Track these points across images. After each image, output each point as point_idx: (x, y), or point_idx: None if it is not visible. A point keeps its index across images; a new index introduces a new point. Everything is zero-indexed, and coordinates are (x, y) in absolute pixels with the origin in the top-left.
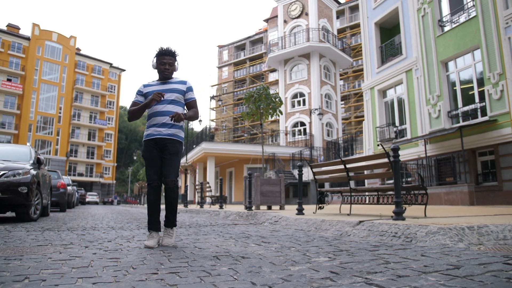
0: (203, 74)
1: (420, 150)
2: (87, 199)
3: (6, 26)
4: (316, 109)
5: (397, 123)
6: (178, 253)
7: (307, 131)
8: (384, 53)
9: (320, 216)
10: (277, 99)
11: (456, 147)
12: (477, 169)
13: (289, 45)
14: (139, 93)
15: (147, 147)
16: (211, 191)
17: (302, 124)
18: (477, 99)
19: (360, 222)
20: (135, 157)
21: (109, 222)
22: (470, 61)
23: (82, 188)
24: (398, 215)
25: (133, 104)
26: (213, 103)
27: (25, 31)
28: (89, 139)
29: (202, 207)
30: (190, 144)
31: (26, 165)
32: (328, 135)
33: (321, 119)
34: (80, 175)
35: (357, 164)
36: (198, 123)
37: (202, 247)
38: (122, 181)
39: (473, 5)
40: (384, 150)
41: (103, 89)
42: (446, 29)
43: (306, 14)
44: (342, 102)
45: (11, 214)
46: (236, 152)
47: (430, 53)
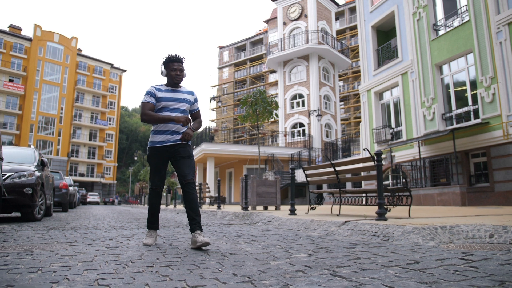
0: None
1: (415, 151)
2: (88, 199)
3: (8, 27)
4: (315, 110)
5: (393, 125)
6: (172, 250)
7: (306, 132)
8: (381, 56)
9: (311, 216)
10: (273, 103)
11: (449, 149)
12: (470, 171)
13: (288, 47)
14: (153, 95)
15: (155, 153)
16: (210, 192)
17: (301, 125)
18: (470, 102)
19: (345, 222)
20: (135, 158)
21: (110, 221)
22: (463, 64)
23: (83, 188)
24: (380, 215)
25: (149, 106)
26: (213, 104)
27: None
28: (90, 139)
29: (201, 207)
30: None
31: (30, 167)
32: (327, 136)
33: (319, 120)
34: (81, 175)
35: (346, 167)
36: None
37: None
38: (123, 181)
39: (466, 10)
40: (370, 154)
41: (104, 89)
42: (440, 33)
43: (305, 16)
44: (342, 102)
45: (15, 214)
46: (235, 153)
47: (425, 56)
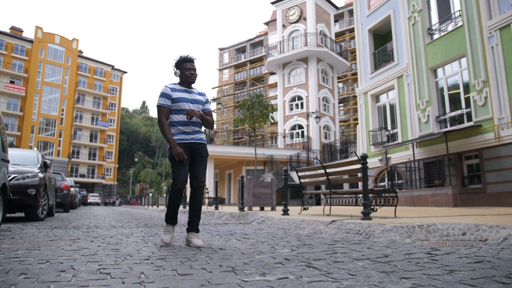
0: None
1: (410, 153)
2: (89, 200)
3: (9, 29)
4: (314, 112)
5: (389, 127)
6: (167, 246)
7: (305, 134)
8: (377, 59)
9: (303, 216)
10: (269, 106)
11: (443, 151)
12: (463, 172)
13: (288, 49)
14: (168, 97)
15: (182, 148)
16: (208, 192)
17: (300, 127)
18: (463, 105)
19: (332, 221)
20: (136, 159)
21: (110, 221)
22: (457, 68)
23: (84, 189)
24: (365, 215)
25: (165, 111)
26: (213, 105)
27: (28, 33)
28: (91, 140)
29: None
30: None
31: (34, 169)
32: (326, 138)
33: (318, 122)
34: (82, 176)
35: (335, 169)
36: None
37: None
38: (123, 182)
39: (460, 15)
40: (357, 156)
41: (105, 91)
42: (435, 37)
43: (304, 19)
44: (341, 104)
45: (19, 214)
46: (234, 155)
47: (420, 60)
